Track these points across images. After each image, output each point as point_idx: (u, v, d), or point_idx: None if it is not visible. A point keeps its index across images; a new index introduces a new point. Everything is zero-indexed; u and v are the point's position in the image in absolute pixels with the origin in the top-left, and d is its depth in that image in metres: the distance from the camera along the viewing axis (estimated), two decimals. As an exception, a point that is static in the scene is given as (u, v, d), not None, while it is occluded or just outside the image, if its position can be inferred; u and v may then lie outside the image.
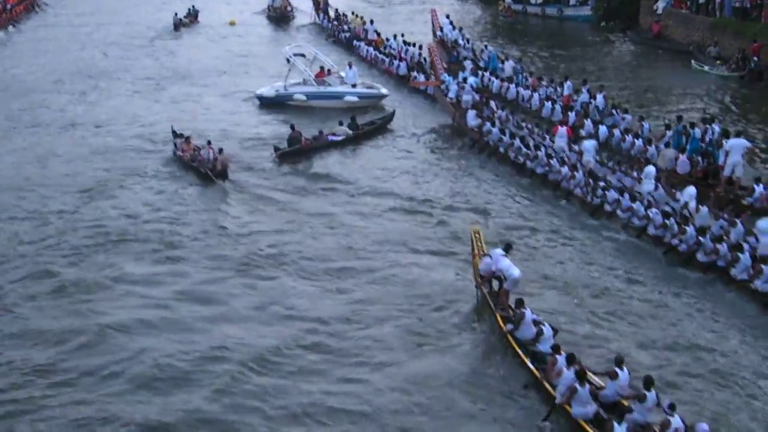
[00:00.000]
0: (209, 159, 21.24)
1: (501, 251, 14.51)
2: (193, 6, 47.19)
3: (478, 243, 15.05)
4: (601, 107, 24.79)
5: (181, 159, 22.33)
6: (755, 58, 30.69)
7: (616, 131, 22.69)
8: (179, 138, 23.08)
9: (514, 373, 12.91)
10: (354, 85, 28.62)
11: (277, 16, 47.03)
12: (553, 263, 16.71)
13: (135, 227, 18.30)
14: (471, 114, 24.64)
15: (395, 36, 35.77)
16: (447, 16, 37.65)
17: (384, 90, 28.96)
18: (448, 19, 36.84)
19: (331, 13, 44.24)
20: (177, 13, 45.27)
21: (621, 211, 18.12)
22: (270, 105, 28.28)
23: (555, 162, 20.51)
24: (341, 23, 41.87)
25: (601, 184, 19.08)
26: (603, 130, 22.98)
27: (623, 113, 24.07)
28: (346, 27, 40.73)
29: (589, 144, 21.06)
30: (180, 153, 22.47)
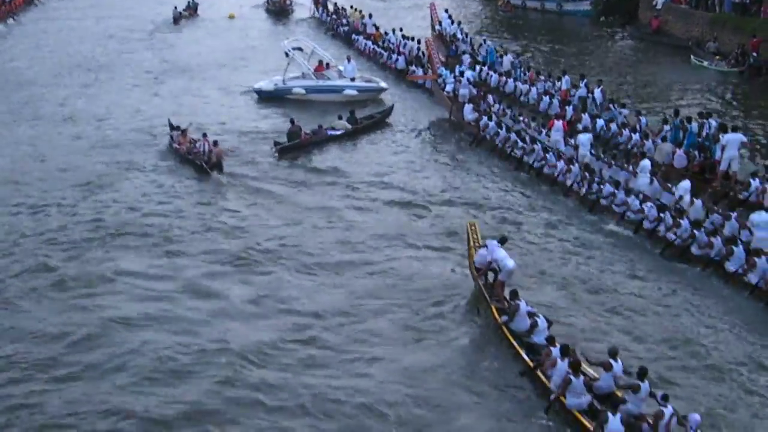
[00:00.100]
0: (205, 151, 21.37)
1: (496, 242, 14.62)
2: (193, -1, 47.30)
3: (473, 236, 15.14)
4: (599, 101, 24.83)
5: (178, 151, 22.41)
6: (754, 53, 30.69)
7: (613, 125, 22.75)
8: (176, 130, 23.16)
9: (509, 365, 13.01)
10: (353, 79, 28.64)
11: (276, 9, 47.07)
12: (550, 258, 16.77)
13: (134, 221, 18.38)
14: (468, 108, 24.68)
15: (394, 30, 35.80)
16: (446, 10, 37.73)
17: (383, 83, 28.99)
18: (446, 14, 36.93)
19: (330, 7, 44.30)
20: (176, 7, 45.32)
21: (616, 206, 18.21)
22: (269, 99, 28.30)
23: (551, 156, 20.59)
24: (340, 17, 41.86)
25: (597, 178, 19.17)
26: (600, 124, 23.05)
27: (620, 107, 24.11)
28: (344, 21, 40.70)
29: (585, 138, 21.10)
30: (176, 145, 22.55)
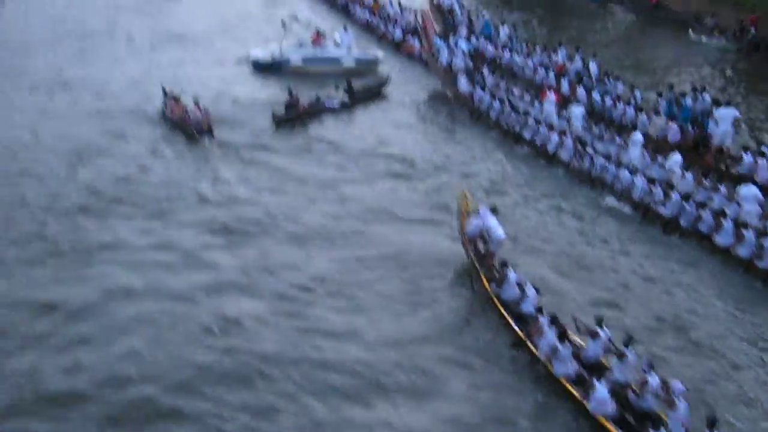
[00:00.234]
0: (197, 119, 21.36)
1: (489, 209, 14.69)
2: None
3: (465, 205, 15.20)
4: (594, 75, 24.78)
5: (171, 119, 22.36)
6: (753, 29, 30.59)
7: (607, 98, 22.74)
8: (169, 97, 23.06)
9: (500, 335, 13.18)
10: (349, 49, 28.52)
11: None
12: (541, 230, 16.89)
13: (127, 190, 18.38)
14: (462, 80, 24.63)
15: (391, 1, 35.57)
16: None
17: (380, 54, 28.89)
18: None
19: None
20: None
21: (608, 178, 18.27)
22: (265, 69, 28.16)
23: (543, 129, 20.60)
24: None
25: (589, 150, 19.22)
26: (595, 97, 23.04)
27: (615, 81, 24.09)
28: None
29: (577, 110, 21.11)
30: (169, 113, 22.50)
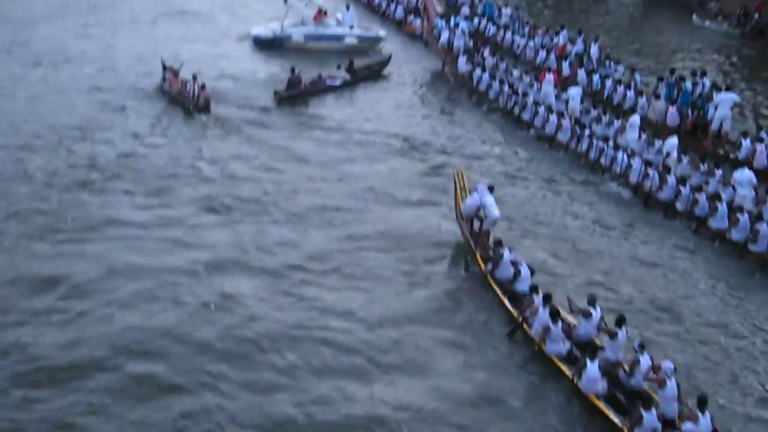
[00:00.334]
0: (194, 93, 21.35)
1: (486, 186, 14.71)
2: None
3: (460, 183, 15.22)
4: (595, 57, 24.76)
5: (169, 93, 22.29)
6: (757, 15, 30.51)
7: (608, 81, 22.73)
8: (168, 71, 22.93)
9: (494, 314, 13.24)
10: (351, 27, 28.43)
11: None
12: (540, 212, 16.92)
13: (126, 166, 18.20)
14: (462, 60, 24.58)
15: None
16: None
17: (382, 32, 28.80)
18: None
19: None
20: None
21: (605, 160, 18.34)
22: (267, 46, 28.00)
23: (542, 110, 20.62)
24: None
25: (587, 132, 19.25)
26: (596, 80, 23.03)
27: (616, 64, 24.06)
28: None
29: (575, 91, 21.13)
30: (168, 87, 22.41)
